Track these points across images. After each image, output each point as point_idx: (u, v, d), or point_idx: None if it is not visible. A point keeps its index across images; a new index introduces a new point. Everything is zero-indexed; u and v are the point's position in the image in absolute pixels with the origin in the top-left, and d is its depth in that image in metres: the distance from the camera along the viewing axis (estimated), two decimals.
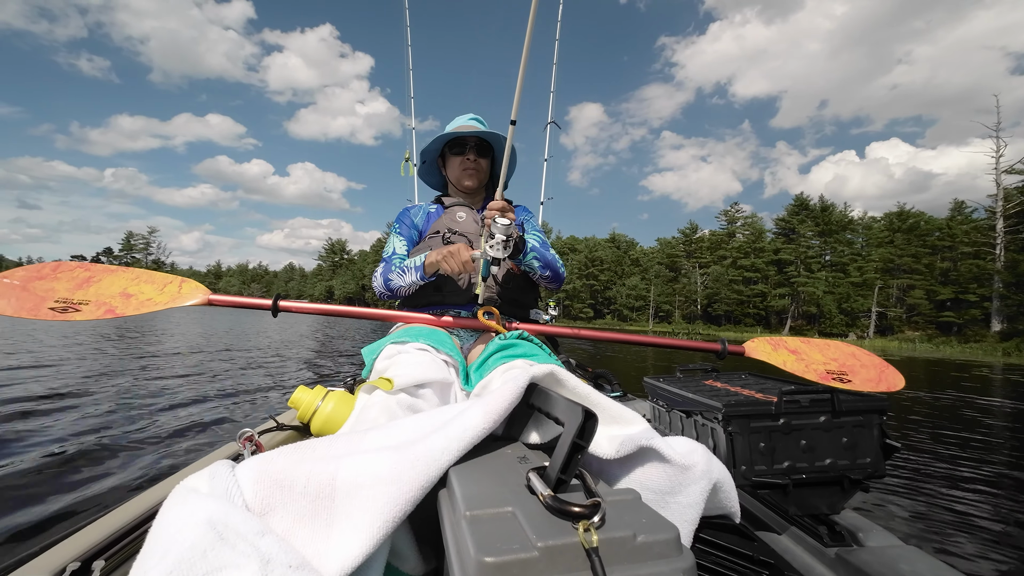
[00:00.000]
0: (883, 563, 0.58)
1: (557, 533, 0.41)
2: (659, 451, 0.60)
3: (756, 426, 0.71)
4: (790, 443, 0.72)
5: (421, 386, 0.87)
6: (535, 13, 0.93)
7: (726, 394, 0.83)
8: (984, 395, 6.36)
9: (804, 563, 0.67)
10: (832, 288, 40.95)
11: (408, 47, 2.93)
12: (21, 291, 1.07)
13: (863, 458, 0.74)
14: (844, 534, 0.69)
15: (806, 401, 0.73)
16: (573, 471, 0.48)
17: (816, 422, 0.73)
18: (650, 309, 53.22)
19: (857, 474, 0.73)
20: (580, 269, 56.60)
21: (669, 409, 0.96)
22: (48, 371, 4.20)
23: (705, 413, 0.79)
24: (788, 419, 0.72)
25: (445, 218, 1.50)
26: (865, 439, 0.74)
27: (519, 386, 0.60)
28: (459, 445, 0.53)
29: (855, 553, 0.62)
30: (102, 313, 1.08)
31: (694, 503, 0.59)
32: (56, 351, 5.62)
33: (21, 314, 1.04)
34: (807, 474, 0.72)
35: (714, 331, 43.13)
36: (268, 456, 0.50)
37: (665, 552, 0.43)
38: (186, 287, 1.20)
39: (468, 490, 0.48)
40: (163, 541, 0.40)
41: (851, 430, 0.74)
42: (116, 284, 1.17)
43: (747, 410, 0.72)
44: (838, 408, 0.73)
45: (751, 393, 0.83)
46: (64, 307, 1.07)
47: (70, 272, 1.16)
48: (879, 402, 0.76)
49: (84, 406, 2.95)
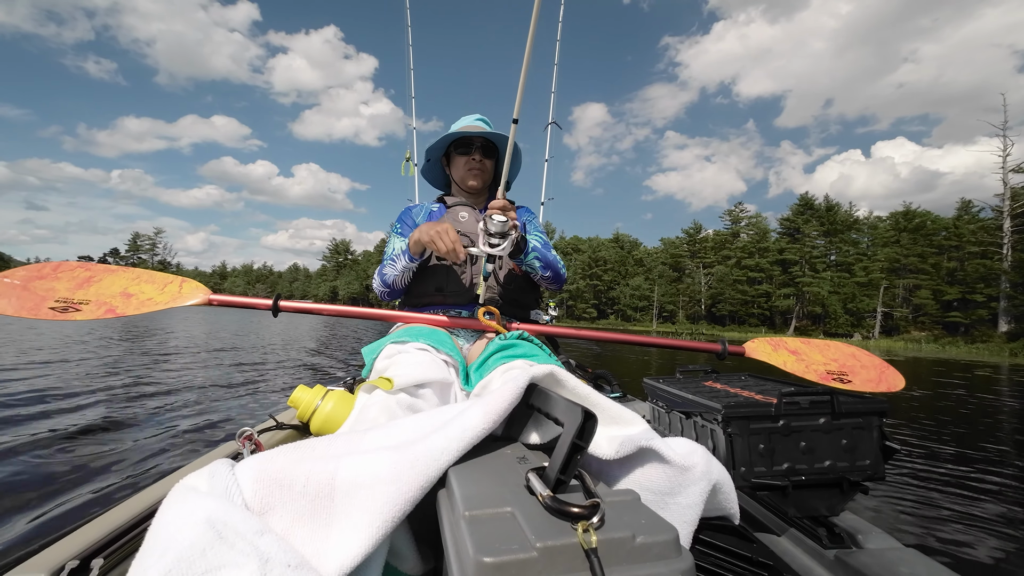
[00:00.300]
0: (882, 565, 0.58)
1: (556, 534, 0.41)
2: (659, 452, 0.60)
3: (756, 427, 0.71)
4: (789, 445, 0.72)
5: (421, 386, 0.87)
6: (537, 13, 0.93)
7: (726, 395, 0.83)
8: (988, 395, 6.32)
9: (803, 565, 0.67)
10: (837, 288, 40.76)
11: (409, 47, 2.94)
12: (22, 291, 1.07)
13: (863, 460, 0.73)
14: (843, 536, 0.69)
15: (806, 403, 0.73)
16: (572, 472, 0.48)
17: (816, 424, 0.72)
18: (654, 309, 53.23)
19: (857, 476, 0.73)
20: (584, 269, 56.66)
21: (669, 410, 0.96)
22: (48, 369, 4.23)
23: (705, 414, 0.79)
24: (788, 421, 0.72)
25: (447, 217, 1.50)
26: (865, 441, 0.74)
27: (519, 386, 0.60)
28: (459, 445, 0.53)
29: (854, 555, 0.62)
30: (102, 313, 1.08)
31: (693, 504, 0.59)
32: (57, 350, 5.66)
33: (21, 313, 1.04)
34: (806, 476, 0.71)
35: (718, 331, 42.97)
36: (268, 455, 0.50)
37: (664, 553, 0.43)
38: (186, 287, 1.20)
39: (467, 490, 0.48)
40: (162, 539, 0.40)
41: (851, 432, 0.74)
42: (116, 284, 1.17)
43: (747, 411, 0.72)
44: (838, 410, 0.73)
45: (751, 395, 0.83)
46: (64, 306, 1.07)
47: (71, 272, 1.16)
48: (879, 404, 0.76)
49: (84, 404, 2.97)
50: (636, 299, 54.02)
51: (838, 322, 39.69)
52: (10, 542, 1.21)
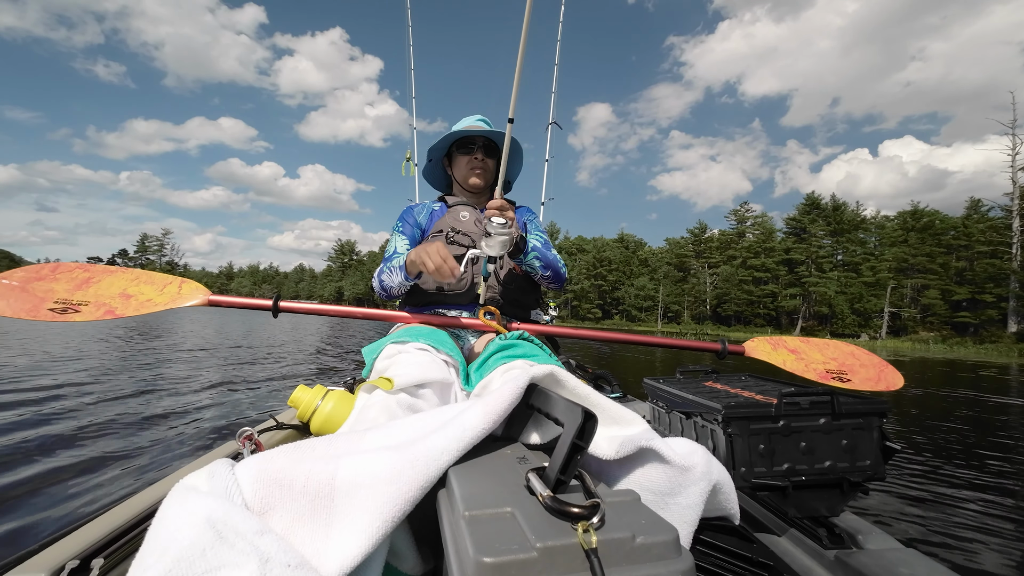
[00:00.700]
0: (882, 566, 0.58)
1: (556, 534, 0.41)
2: (659, 452, 0.60)
3: (756, 428, 0.71)
4: (790, 445, 0.72)
5: (421, 386, 0.88)
6: (530, 12, 0.94)
7: (726, 396, 0.82)
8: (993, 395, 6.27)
9: (803, 565, 0.67)
10: (844, 288, 40.59)
11: (409, 47, 2.96)
12: (20, 292, 1.06)
13: (863, 460, 0.73)
14: (843, 536, 0.69)
15: (806, 403, 0.73)
16: (572, 472, 0.48)
17: (816, 424, 0.72)
18: (659, 309, 53.30)
19: (857, 476, 0.73)
20: (588, 269, 56.78)
21: (669, 410, 0.96)
22: (48, 369, 4.25)
23: (705, 415, 0.78)
24: (788, 421, 0.72)
25: (448, 217, 1.50)
26: (865, 441, 0.74)
27: (519, 386, 0.60)
28: (458, 445, 0.53)
29: (854, 556, 0.62)
30: (101, 314, 1.07)
31: (693, 504, 0.59)
32: (57, 350, 5.70)
33: (19, 315, 1.03)
34: (807, 476, 0.71)
35: (723, 331, 42.90)
36: (267, 455, 0.51)
37: (664, 553, 0.43)
38: (186, 288, 1.19)
39: (467, 490, 0.48)
40: (162, 539, 0.40)
41: (851, 432, 0.73)
42: (116, 285, 1.16)
43: (747, 412, 0.71)
44: (838, 410, 0.72)
45: (751, 395, 0.83)
46: (64, 308, 1.07)
47: (69, 273, 1.16)
48: (879, 405, 0.75)
49: (85, 404, 2.98)
50: (641, 299, 54.12)
51: (845, 322, 39.54)
52: (10, 542, 1.22)
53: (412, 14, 2.95)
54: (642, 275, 56.09)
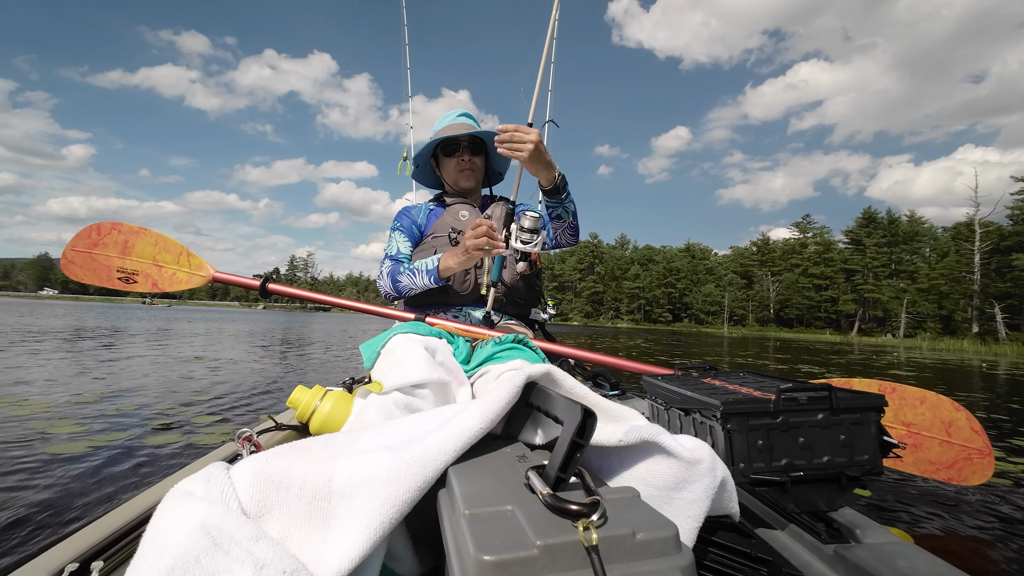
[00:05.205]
0: (881, 560, 0.58)
1: (556, 531, 0.41)
2: (664, 446, 0.60)
3: (754, 424, 0.71)
4: (788, 440, 0.72)
5: (418, 386, 0.87)
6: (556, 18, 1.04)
7: (724, 392, 0.83)
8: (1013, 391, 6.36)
9: (802, 560, 0.67)
10: (899, 294, 42.97)
11: (405, 46, 2.96)
12: (90, 260, 1.23)
13: (861, 455, 0.74)
14: (842, 531, 0.70)
15: (804, 399, 0.73)
16: (572, 470, 0.48)
17: (814, 419, 0.73)
18: (724, 313, 56.88)
19: (855, 471, 0.73)
20: (659, 279, 61.59)
21: (667, 407, 0.96)
22: (49, 369, 4.20)
23: (703, 411, 0.78)
24: (786, 417, 0.72)
25: (447, 216, 1.49)
26: (863, 436, 0.74)
27: (516, 385, 0.60)
28: (456, 445, 0.53)
29: (853, 550, 0.62)
30: (150, 286, 1.28)
31: (698, 500, 0.59)
32: (56, 349, 5.62)
33: (101, 283, 1.20)
34: (805, 471, 0.72)
35: (786, 333, 45.06)
36: (264, 456, 0.50)
37: (664, 550, 0.43)
38: (193, 261, 1.36)
39: (467, 489, 0.47)
40: (156, 546, 0.39)
41: (849, 427, 0.74)
42: (147, 250, 1.35)
43: (745, 408, 0.71)
44: (836, 405, 0.73)
45: (749, 391, 0.83)
46: (126, 277, 1.28)
47: (110, 235, 1.31)
48: (876, 399, 0.76)
49: (83, 404, 2.95)
50: (708, 304, 58.34)
51: (900, 325, 41.74)
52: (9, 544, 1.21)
53: (404, 12, 2.95)
54: (708, 282, 60.07)
